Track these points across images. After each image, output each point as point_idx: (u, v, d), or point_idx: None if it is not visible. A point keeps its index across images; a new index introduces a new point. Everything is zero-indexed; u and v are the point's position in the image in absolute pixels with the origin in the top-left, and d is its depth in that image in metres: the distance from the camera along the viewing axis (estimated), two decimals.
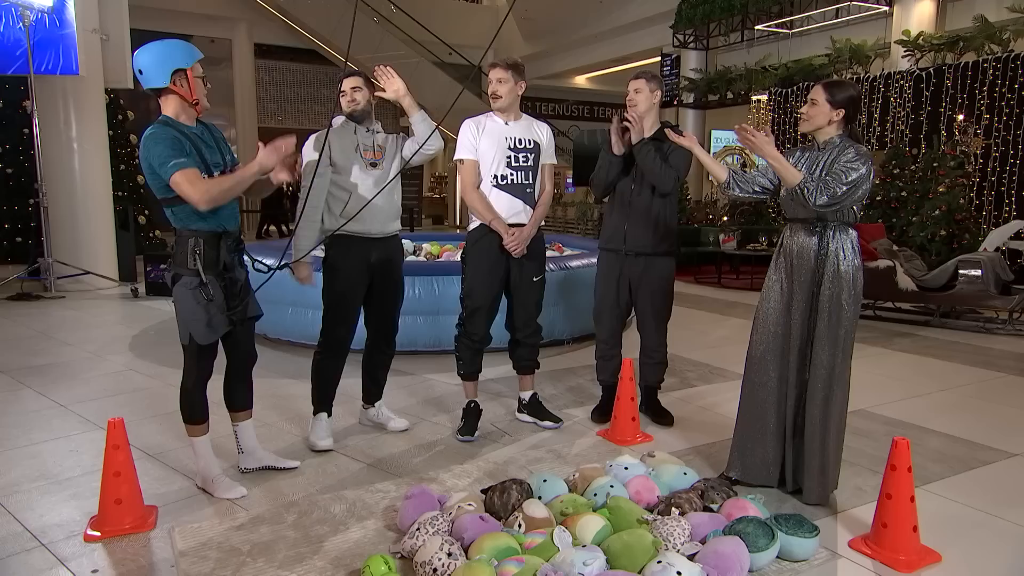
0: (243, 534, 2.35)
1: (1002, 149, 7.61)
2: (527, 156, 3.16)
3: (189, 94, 2.46)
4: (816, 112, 2.50)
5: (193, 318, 2.48)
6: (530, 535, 2.17)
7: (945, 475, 2.91)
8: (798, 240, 2.55)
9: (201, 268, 2.45)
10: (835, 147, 2.49)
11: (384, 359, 3.34)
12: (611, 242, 3.34)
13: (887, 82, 8.71)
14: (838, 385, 2.53)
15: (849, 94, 2.48)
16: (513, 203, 3.14)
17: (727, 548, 2.08)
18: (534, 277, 3.23)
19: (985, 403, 3.90)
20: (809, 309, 2.52)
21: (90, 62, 7.16)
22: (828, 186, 2.39)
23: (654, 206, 3.23)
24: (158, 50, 2.43)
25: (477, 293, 3.18)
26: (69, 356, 4.73)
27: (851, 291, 2.48)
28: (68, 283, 7.18)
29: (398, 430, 3.34)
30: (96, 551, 2.26)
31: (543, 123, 3.30)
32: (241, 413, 2.81)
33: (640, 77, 3.22)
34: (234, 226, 2.58)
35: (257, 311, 2.70)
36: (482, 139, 3.14)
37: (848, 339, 2.51)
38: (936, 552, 2.26)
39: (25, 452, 3.08)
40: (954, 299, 5.74)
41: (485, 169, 3.14)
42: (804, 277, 2.52)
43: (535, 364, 3.40)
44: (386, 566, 2.02)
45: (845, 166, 2.41)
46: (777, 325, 2.60)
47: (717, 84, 11.82)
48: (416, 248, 6.36)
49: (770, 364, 2.62)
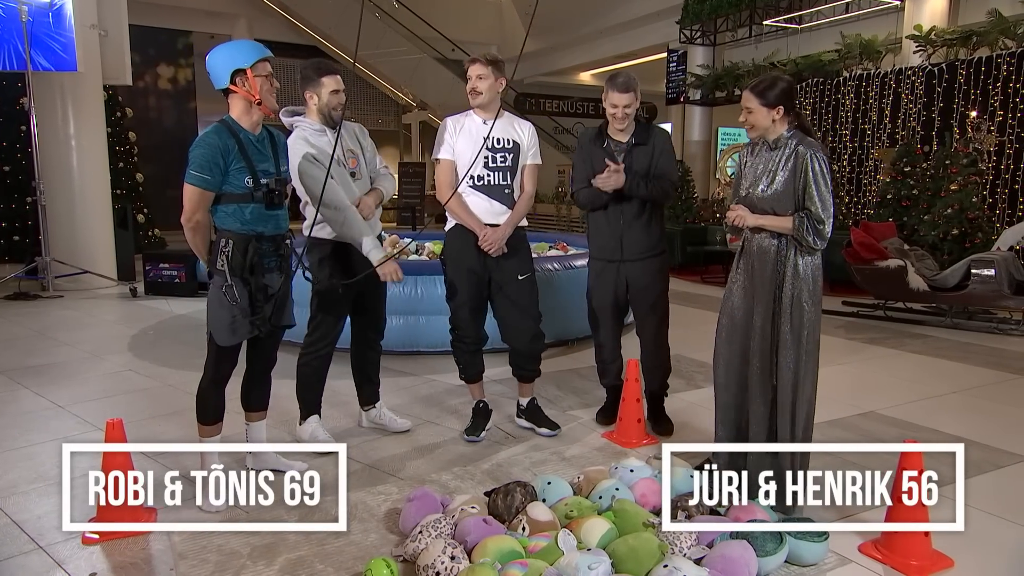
0: (243, 537, 2.33)
1: (1016, 146, 7.51)
2: (505, 156, 3.08)
3: (250, 94, 2.46)
4: (755, 119, 2.48)
5: (216, 318, 2.50)
6: (534, 538, 2.15)
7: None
8: (758, 241, 2.53)
9: (227, 270, 2.45)
10: (787, 144, 2.46)
11: (374, 356, 3.31)
12: (604, 251, 3.25)
13: (898, 78, 8.62)
14: (804, 386, 2.48)
15: (779, 89, 2.44)
16: (490, 205, 3.08)
17: (735, 552, 2.06)
18: (519, 275, 3.13)
19: (998, 405, 3.84)
20: (771, 312, 2.50)
21: (88, 58, 7.14)
22: (817, 225, 2.38)
23: (645, 211, 3.19)
24: (221, 51, 2.48)
25: (459, 292, 3.13)
26: (67, 356, 4.71)
27: (811, 291, 2.46)
28: (66, 282, 7.16)
29: (401, 431, 3.30)
30: (95, 553, 2.24)
31: (525, 122, 3.22)
32: (255, 413, 2.81)
33: (628, 91, 3.04)
34: (273, 231, 2.55)
35: (290, 320, 2.68)
36: (459, 138, 3.08)
37: (811, 340, 2.48)
38: (948, 557, 2.22)
39: (22, 453, 3.06)
40: (966, 299, 5.67)
41: (462, 169, 3.08)
42: (765, 278, 2.50)
43: (534, 373, 3.30)
44: (388, 570, 2.01)
45: (816, 183, 2.38)
46: (740, 327, 2.57)
47: (724, 81, 11.74)
48: (419, 247, 6.32)
49: (732, 366, 2.60)
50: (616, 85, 3.07)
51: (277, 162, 2.58)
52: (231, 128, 2.47)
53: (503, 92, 3.10)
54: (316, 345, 3.09)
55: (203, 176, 2.40)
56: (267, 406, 2.83)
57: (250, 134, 2.50)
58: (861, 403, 3.81)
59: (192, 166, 2.40)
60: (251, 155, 2.47)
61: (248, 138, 2.49)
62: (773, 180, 2.46)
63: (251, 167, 2.46)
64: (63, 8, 6.89)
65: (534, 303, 3.19)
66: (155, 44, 13.64)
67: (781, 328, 2.47)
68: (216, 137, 2.43)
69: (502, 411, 3.61)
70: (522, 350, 3.21)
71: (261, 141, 2.54)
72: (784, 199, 2.44)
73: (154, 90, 14.19)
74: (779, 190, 2.44)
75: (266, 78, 2.48)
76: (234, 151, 2.43)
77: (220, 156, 2.40)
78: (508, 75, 3.11)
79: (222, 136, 2.43)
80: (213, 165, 2.40)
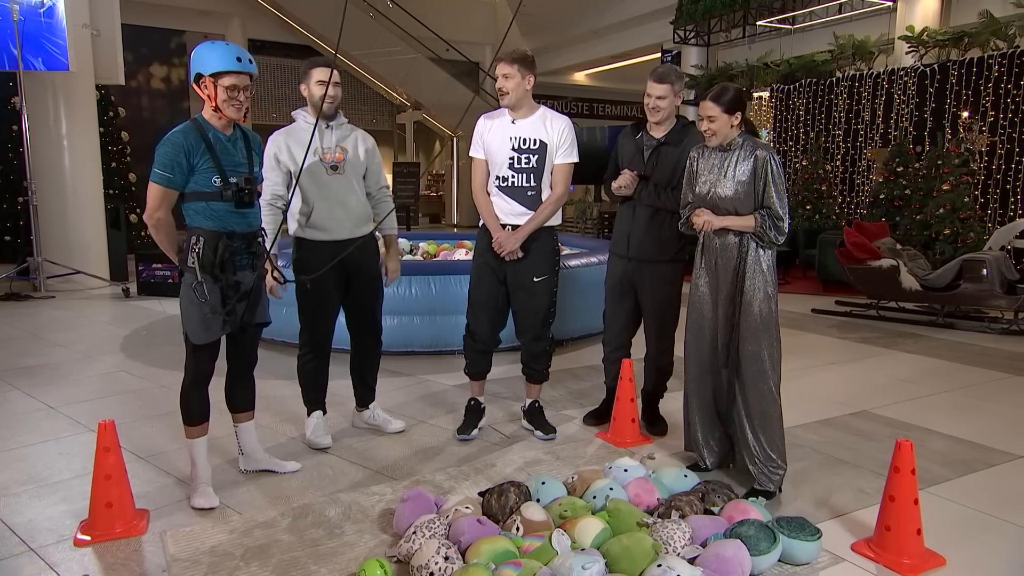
0: (236, 538, 2.32)
1: (1007, 146, 7.56)
2: (530, 157, 2.99)
3: (208, 99, 2.45)
4: (718, 126, 2.60)
5: (189, 316, 2.48)
6: (528, 538, 2.16)
7: (949, 477, 2.87)
8: (720, 238, 2.66)
9: (197, 267, 2.44)
10: (741, 146, 2.62)
11: (372, 359, 3.28)
12: (617, 246, 3.26)
13: (891, 79, 8.66)
14: (774, 372, 2.62)
15: (734, 96, 2.59)
16: (512, 207, 3.03)
17: (728, 552, 2.06)
18: (535, 277, 3.07)
19: (990, 404, 3.86)
20: (733, 304, 2.64)
21: (80, 58, 7.09)
22: (776, 222, 2.56)
23: (658, 214, 3.11)
24: (199, 49, 2.45)
25: (476, 292, 3.13)
26: (59, 357, 4.69)
27: (771, 281, 2.62)
28: (58, 283, 7.12)
29: (395, 431, 3.30)
30: (86, 556, 2.22)
31: (561, 117, 3.06)
32: (242, 414, 2.79)
33: (664, 82, 2.96)
34: (243, 229, 2.54)
35: (264, 318, 2.66)
36: (488, 138, 3.04)
37: (776, 327, 2.62)
38: (940, 556, 2.23)
39: (14, 455, 3.04)
40: (958, 299, 5.70)
41: (493, 169, 3.04)
42: (727, 273, 2.65)
43: (539, 374, 3.26)
44: (382, 570, 2.00)
45: (776, 183, 2.55)
46: (704, 320, 2.73)
47: (718, 81, 11.74)
48: (413, 247, 6.31)
49: (698, 358, 2.77)
50: (653, 74, 3.01)
51: (251, 161, 2.56)
52: (200, 127, 2.45)
53: (532, 88, 2.97)
54: (308, 345, 3.10)
55: (165, 175, 2.39)
56: (253, 406, 2.81)
57: (220, 133, 2.48)
58: (853, 402, 3.83)
59: (156, 164, 2.39)
60: (219, 154, 2.45)
61: (218, 137, 2.47)
62: (734, 180, 2.60)
63: (219, 166, 2.45)
64: (55, 7, 6.85)
65: (545, 306, 3.11)
66: (148, 43, 13.56)
67: (742, 320, 2.62)
68: (182, 136, 2.42)
69: (500, 411, 3.61)
70: (528, 349, 3.20)
71: (233, 140, 2.52)
72: (746, 199, 2.59)
73: (147, 90, 14.11)
74: (741, 190, 2.58)
75: (227, 90, 2.41)
76: (200, 150, 2.42)
77: (184, 156, 2.39)
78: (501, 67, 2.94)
79: (188, 136, 2.42)
80: (176, 164, 2.39)
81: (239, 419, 2.78)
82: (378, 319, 3.21)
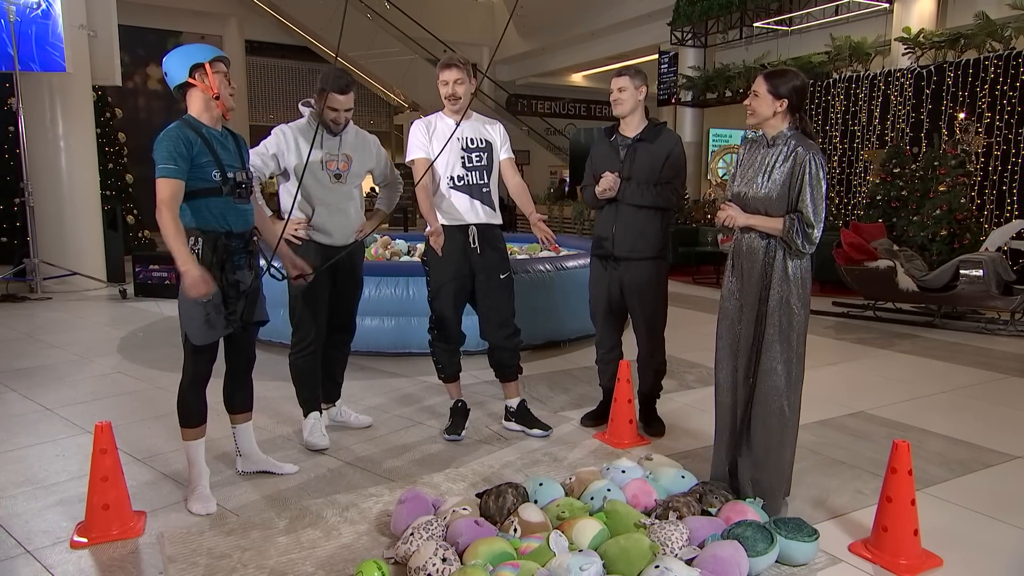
0: (233, 540, 2.31)
1: (1004, 148, 7.57)
2: (480, 156, 3.15)
3: (208, 88, 2.46)
4: (759, 104, 2.41)
5: (189, 316, 2.47)
6: (526, 540, 2.15)
7: (946, 478, 2.88)
8: (747, 241, 2.48)
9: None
10: (785, 143, 2.40)
11: (341, 356, 3.35)
12: (597, 246, 3.28)
13: (887, 80, 8.68)
14: (792, 391, 2.43)
15: (792, 84, 2.38)
16: (472, 204, 3.14)
17: (726, 552, 2.06)
18: (501, 275, 3.19)
19: (987, 405, 3.86)
20: (757, 313, 2.43)
21: (77, 59, 7.09)
22: (806, 229, 2.32)
23: (642, 211, 3.17)
24: (178, 51, 2.49)
25: (444, 292, 3.16)
26: (55, 359, 4.68)
27: (800, 294, 2.40)
28: (55, 284, 7.10)
29: (362, 427, 3.36)
30: (83, 558, 2.22)
31: (495, 121, 3.32)
32: (240, 415, 2.78)
33: (623, 74, 3.16)
34: (241, 227, 2.54)
35: (263, 316, 2.66)
36: (434, 140, 3.13)
37: (800, 343, 2.43)
38: (937, 556, 2.23)
39: (10, 457, 3.03)
40: (955, 300, 5.71)
41: (440, 170, 3.12)
42: (753, 279, 2.45)
43: (518, 369, 3.32)
44: (379, 572, 2.00)
45: (812, 187, 2.32)
46: (731, 327, 2.53)
47: (715, 82, 11.78)
48: (410, 248, 6.31)
49: (724, 368, 2.56)
50: (614, 73, 3.22)
51: (241, 159, 2.59)
52: (192, 124, 2.47)
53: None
54: (300, 344, 3.11)
55: (171, 167, 2.37)
56: (251, 407, 2.80)
57: (212, 130, 2.50)
58: (851, 403, 3.83)
59: (159, 160, 2.38)
60: (216, 149, 2.47)
61: (211, 134, 2.49)
62: (768, 179, 2.39)
63: (217, 160, 2.46)
64: (52, 8, 6.84)
65: (512, 301, 3.26)
66: (145, 44, 13.55)
67: (767, 330, 2.42)
68: (178, 129, 2.43)
69: (492, 410, 3.61)
70: (503, 345, 3.23)
71: (224, 137, 2.55)
72: (779, 201, 2.37)
73: (144, 91, 14.09)
74: (774, 190, 2.37)
75: (223, 76, 2.49)
76: (198, 144, 2.43)
77: (184, 146, 2.40)
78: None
79: (184, 129, 2.44)
80: (179, 155, 2.39)
81: (237, 420, 2.78)
82: (353, 318, 3.31)
